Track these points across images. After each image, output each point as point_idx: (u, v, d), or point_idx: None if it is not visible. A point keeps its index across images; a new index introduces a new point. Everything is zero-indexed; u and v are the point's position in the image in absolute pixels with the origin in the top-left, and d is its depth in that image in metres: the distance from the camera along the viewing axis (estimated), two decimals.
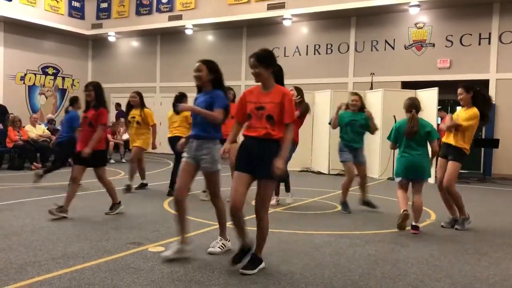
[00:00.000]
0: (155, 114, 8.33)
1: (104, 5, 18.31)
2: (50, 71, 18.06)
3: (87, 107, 5.76)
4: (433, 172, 9.70)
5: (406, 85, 13.11)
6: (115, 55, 19.04)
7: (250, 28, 15.89)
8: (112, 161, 13.19)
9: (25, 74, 17.21)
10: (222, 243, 4.25)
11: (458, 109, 5.78)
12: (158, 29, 17.09)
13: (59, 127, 13.66)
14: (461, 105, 5.63)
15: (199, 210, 5.98)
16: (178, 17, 16.53)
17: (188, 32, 16.71)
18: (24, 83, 17.22)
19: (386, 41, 13.85)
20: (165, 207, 6.45)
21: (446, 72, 12.96)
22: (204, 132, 3.99)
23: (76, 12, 18.16)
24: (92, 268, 3.68)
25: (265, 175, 3.58)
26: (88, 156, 5.45)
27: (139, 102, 7.91)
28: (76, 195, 5.93)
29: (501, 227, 5.86)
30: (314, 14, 14.39)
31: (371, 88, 12.78)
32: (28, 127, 11.98)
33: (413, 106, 5.40)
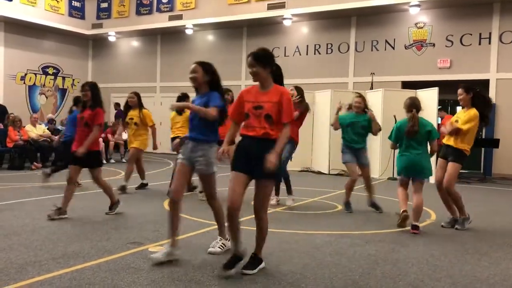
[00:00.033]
0: (155, 114, 8.33)
1: (104, 5, 18.31)
2: (50, 71, 18.07)
3: (83, 107, 5.74)
4: (433, 171, 9.74)
5: (406, 85, 13.11)
6: (116, 55, 19.05)
7: (250, 28, 15.89)
8: (112, 161, 13.21)
9: (26, 74, 17.22)
10: (222, 243, 4.24)
11: (458, 109, 5.79)
12: (159, 29, 17.10)
13: (59, 127, 13.68)
14: (461, 106, 5.64)
15: (198, 210, 5.97)
16: (179, 17, 16.54)
17: (189, 32, 16.71)
18: (24, 83, 17.23)
19: (386, 41, 13.85)
20: (165, 207, 6.44)
21: (446, 72, 12.96)
22: (201, 135, 3.95)
23: (77, 12, 18.17)
24: (93, 268, 3.68)
25: (263, 175, 3.54)
26: (83, 156, 5.42)
27: (137, 103, 7.84)
28: (76, 195, 5.95)
29: (502, 227, 5.86)
30: (314, 14, 14.39)
31: (371, 88, 12.77)
32: (28, 127, 11.98)
33: (414, 105, 5.44)
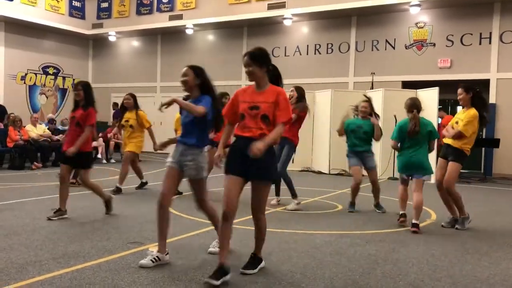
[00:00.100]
0: (155, 114, 8.30)
1: (105, 4, 18.31)
2: (50, 70, 18.07)
3: (75, 107, 5.65)
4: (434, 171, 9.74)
5: (407, 84, 13.11)
6: (116, 54, 19.05)
7: (250, 27, 15.89)
8: (112, 161, 13.22)
9: (26, 74, 17.22)
10: None
11: (458, 109, 5.80)
12: (159, 28, 17.09)
13: (60, 126, 13.69)
14: (461, 105, 5.65)
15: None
16: (179, 17, 16.53)
17: (189, 31, 16.71)
18: (24, 82, 17.23)
19: (386, 41, 13.85)
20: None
21: (446, 72, 12.95)
22: (192, 139, 3.85)
23: (77, 12, 18.17)
24: (93, 267, 3.68)
25: (260, 177, 3.50)
26: (73, 156, 5.35)
27: (133, 105, 7.78)
28: (77, 195, 5.95)
29: (502, 227, 5.86)
30: (315, 13, 14.39)
31: (372, 88, 12.76)
32: (28, 127, 11.99)
33: (414, 106, 5.52)
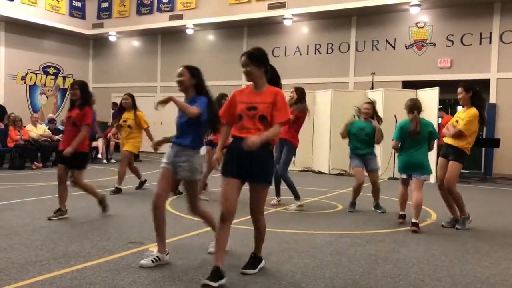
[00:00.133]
0: (156, 114, 8.31)
1: (105, 4, 18.32)
2: (51, 70, 18.08)
3: (71, 106, 5.61)
4: (433, 171, 9.74)
5: (407, 84, 13.11)
6: (116, 54, 19.05)
7: (250, 27, 15.89)
8: (113, 161, 13.22)
9: (26, 74, 17.23)
10: None
11: (459, 109, 5.80)
12: (159, 28, 17.10)
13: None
14: (461, 105, 5.65)
15: None
16: (179, 17, 16.54)
17: (189, 31, 16.71)
18: (25, 82, 17.24)
19: (386, 41, 13.85)
20: (167, 207, 6.44)
21: (447, 72, 12.95)
22: (186, 141, 3.80)
23: (77, 12, 18.18)
24: (93, 267, 3.68)
25: (258, 179, 3.45)
26: (69, 155, 5.33)
27: (131, 105, 7.77)
28: (77, 195, 5.95)
29: (502, 227, 5.85)
30: (315, 13, 14.39)
31: (372, 88, 12.77)
32: (29, 127, 12.00)
33: (415, 107, 5.58)
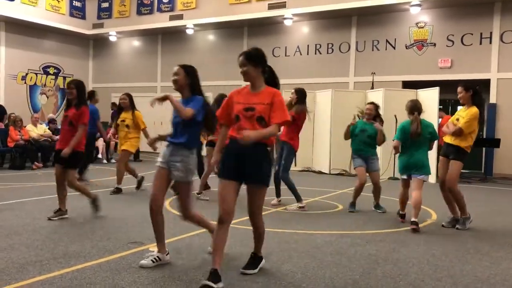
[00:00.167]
0: (156, 114, 8.31)
1: (105, 4, 18.32)
2: (51, 70, 18.08)
3: (68, 106, 5.57)
4: (433, 171, 9.73)
5: (407, 84, 13.11)
6: (116, 54, 19.05)
7: (251, 27, 15.88)
8: (113, 161, 13.22)
9: (27, 74, 17.23)
10: None
11: (459, 109, 5.80)
12: (159, 28, 17.10)
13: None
14: (461, 104, 5.64)
15: (199, 209, 5.97)
16: (179, 17, 16.53)
17: (189, 31, 16.70)
18: (25, 82, 17.24)
19: (387, 41, 13.84)
20: (166, 206, 6.45)
21: (447, 72, 12.94)
22: (182, 140, 3.78)
23: (77, 12, 18.18)
24: (93, 267, 3.69)
25: (255, 180, 3.40)
26: (66, 155, 5.29)
27: (129, 104, 7.75)
28: (76, 195, 5.93)
29: (503, 227, 5.85)
30: (315, 13, 14.38)
31: (372, 88, 12.77)
32: (29, 127, 12.01)
33: (416, 108, 5.62)
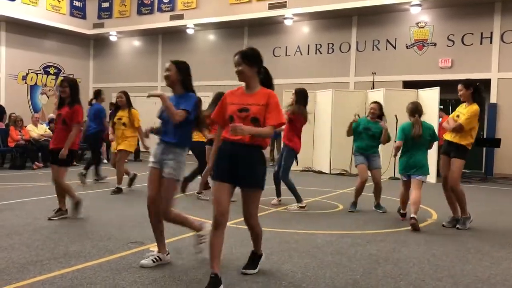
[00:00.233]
0: (156, 114, 8.28)
1: (106, 4, 18.32)
2: (51, 70, 18.08)
3: (61, 104, 5.51)
4: (434, 171, 9.73)
5: (408, 84, 13.10)
6: (117, 54, 19.06)
7: (251, 27, 15.88)
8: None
9: (27, 74, 17.23)
10: None
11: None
12: (160, 28, 17.10)
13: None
14: (462, 101, 5.63)
15: (198, 209, 5.98)
16: (180, 17, 16.53)
17: (190, 31, 16.71)
18: (26, 82, 17.24)
19: (387, 41, 13.84)
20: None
21: (447, 72, 12.94)
22: (174, 139, 3.74)
23: (78, 12, 18.18)
24: (94, 267, 3.69)
25: (249, 183, 3.32)
26: (57, 151, 5.27)
27: (125, 103, 7.74)
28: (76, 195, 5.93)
29: (503, 227, 5.85)
30: (315, 13, 14.38)
31: (373, 88, 12.76)
32: (29, 127, 12.02)
33: (416, 110, 5.67)
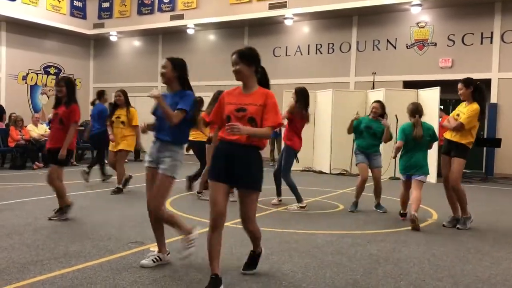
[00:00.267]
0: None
1: (106, 4, 18.32)
2: (52, 70, 18.08)
3: (57, 104, 5.47)
4: (434, 171, 9.74)
5: (408, 84, 13.09)
6: (117, 54, 19.06)
7: (251, 27, 15.88)
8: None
9: (27, 74, 17.24)
10: None
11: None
12: (160, 28, 17.10)
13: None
14: (462, 101, 5.63)
15: (198, 209, 5.98)
16: (180, 17, 16.54)
17: (190, 31, 16.71)
18: (26, 82, 17.24)
19: (387, 41, 13.83)
20: (166, 206, 6.44)
21: (448, 72, 12.93)
22: (169, 137, 3.71)
23: (78, 12, 18.19)
24: (94, 267, 3.69)
25: (246, 185, 3.29)
26: (54, 151, 5.27)
27: (124, 101, 7.76)
28: (77, 195, 5.95)
29: (503, 226, 5.85)
30: (316, 13, 14.38)
31: (373, 88, 12.76)
32: (30, 127, 12.03)
33: (417, 111, 5.70)
